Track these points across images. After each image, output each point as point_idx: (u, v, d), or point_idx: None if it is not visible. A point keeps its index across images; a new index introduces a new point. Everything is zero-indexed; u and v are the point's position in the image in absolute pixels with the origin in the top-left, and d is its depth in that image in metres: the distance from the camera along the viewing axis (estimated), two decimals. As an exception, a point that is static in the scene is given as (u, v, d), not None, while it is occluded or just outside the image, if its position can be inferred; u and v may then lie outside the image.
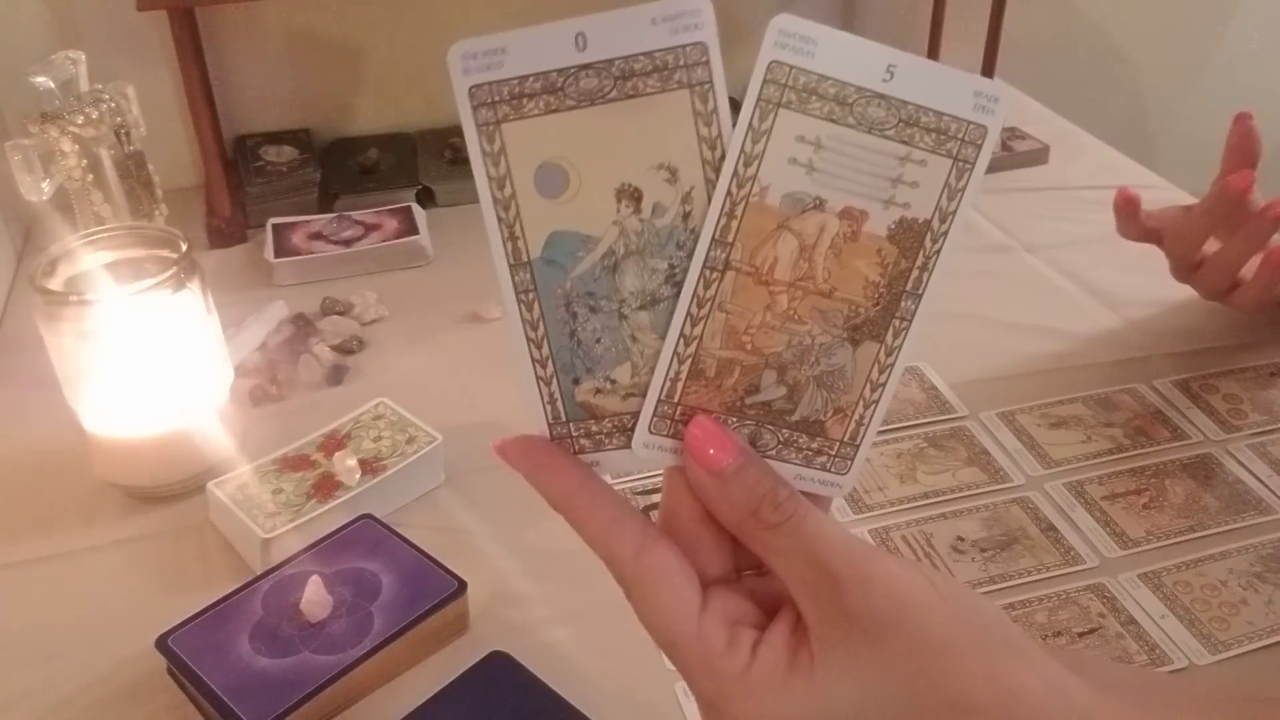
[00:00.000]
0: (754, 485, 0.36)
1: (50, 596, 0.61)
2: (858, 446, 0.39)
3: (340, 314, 0.85)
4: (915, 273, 0.37)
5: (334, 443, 0.67)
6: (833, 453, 0.38)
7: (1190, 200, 0.78)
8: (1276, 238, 0.72)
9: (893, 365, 0.38)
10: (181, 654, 0.54)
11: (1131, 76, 1.43)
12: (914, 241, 0.36)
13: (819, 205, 0.35)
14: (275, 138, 1.05)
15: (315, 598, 0.56)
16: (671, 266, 0.35)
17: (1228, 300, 0.76)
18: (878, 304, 0.37)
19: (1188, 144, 1.42)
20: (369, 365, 0.80)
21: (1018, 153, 1.09)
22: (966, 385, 0.76)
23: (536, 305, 0.36)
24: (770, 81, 0.34)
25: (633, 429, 0.37)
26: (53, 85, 0.80)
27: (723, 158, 0.35)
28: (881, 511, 0.66)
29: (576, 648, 0.57)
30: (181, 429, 0.66)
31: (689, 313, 0.36)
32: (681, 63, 0.34)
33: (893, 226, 0.36)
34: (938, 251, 0.37)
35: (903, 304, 0.37)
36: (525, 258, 0.35)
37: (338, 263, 0.90)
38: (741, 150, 0.34)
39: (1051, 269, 0.92)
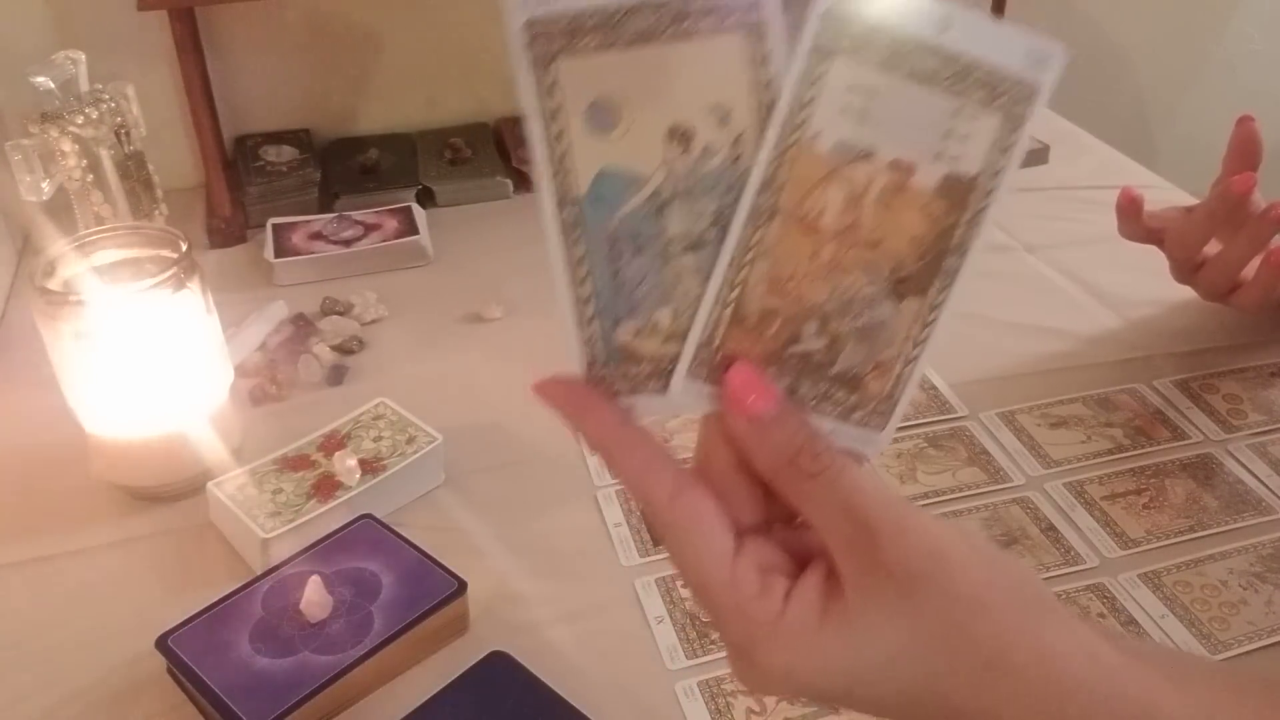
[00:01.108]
0: (793, 433, 0.36)
1: (50, 596, 0.61)
2: (895, 403, 0.38)
3: (340, 314, 0.85)
4: (961, 229, 0.37)
5: (334, 443, 0.67)
6: (869, 408, 0.38)
7: (1190, 201, 0.78)
8: (1277, 239, 0.72)
9: (934, 322, 0.37)
10: (181, 654, 0.54)
11: (1131, 76, 1.43)
12: (961, 196, 0.36)
13: (868, 155, 0.35)
14: (275, 138, 1.05)
15: (315, 598, 0.56)
16: (719, 210, 0.35)
17: (1229, 301, 0.76)
18: (923, 258, 0.36)
19: (1188, 144, 1.42)
20: (369, 365, 0.80)
21: (1018, 153, 1.09)
22: (966, 385, 0.76)
23: (582, 243, 0.35)
24: (826, 29, 0.34)
25: (670, 373, 0.37)
26: (53, 85, 0.80)
27: (775, 102, 0.34)
28: (881, 511, 0.66)
29: (576, 648, 0.57)
30: (181, 429, 0.66)
31: (734, 258, 0.35)
32: (738, 4, 0.34)
33: (941, 180, 0.36)
34: (984, 209, 0.37)
35: (947, 260, 0.37)
36: (573, 195, 0.35)
37: (338, 263, 0.90)
38: (794, 96, 0.34)
39: (1051, 269, 0.92)
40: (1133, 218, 0.77)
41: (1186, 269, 0.77)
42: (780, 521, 0.39)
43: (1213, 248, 0.75)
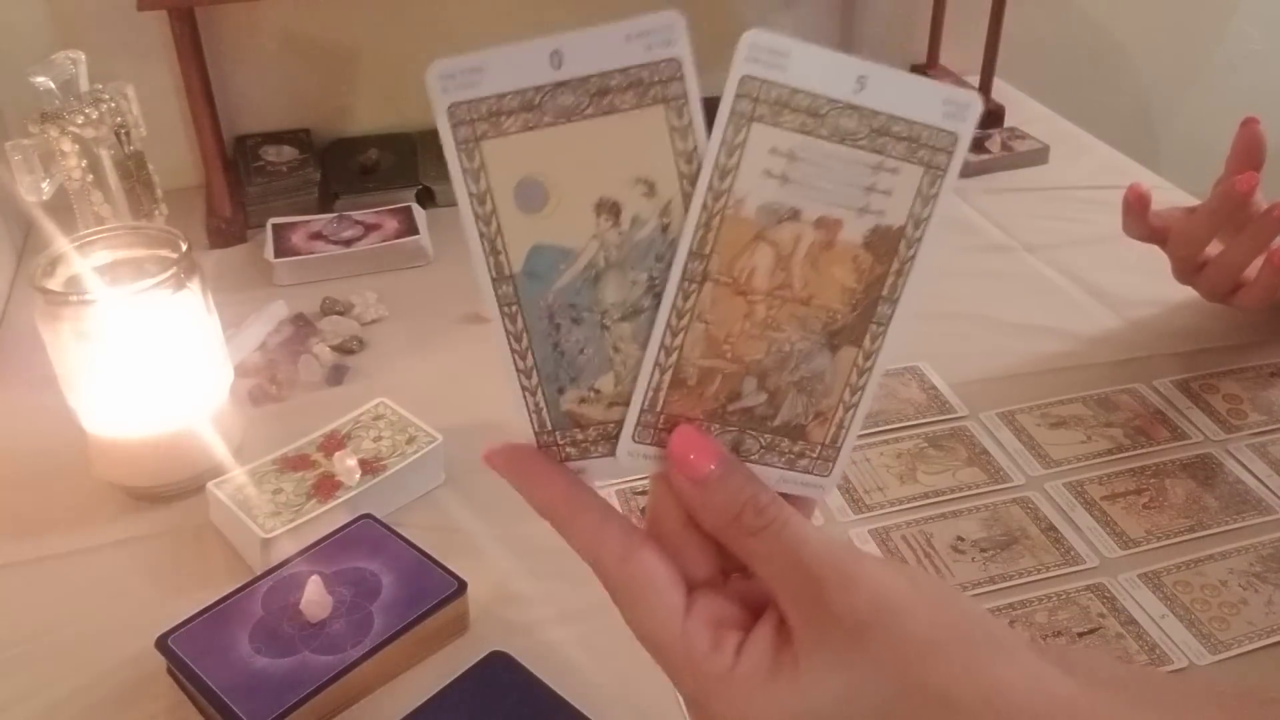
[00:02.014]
0: (735, 491, 0.37)
1: (50, 596, 0.61)
2: (839, 448, 0.39)
3: (340, 314, 0.85)
4: (891, 279, 0.37)
5: (334, 443, 0.67)
6: (815, 455, 0.39)
7: (1192, 201, 0.78)
8: (1279, 240, 0.72)
9: (871, 368, 0.39)
10: (181, 654, 0.54)
11: (1131, 76, 1.43)
12: (889, 248, 0.37)
13: (794, 216, 0.36)
14: (275, 138, 1.05)
15: (315, 598, 0.56)
16: (652, 278, 0.36)
17: (1230, 302, 0.76)
18: (855, 309, 0.38)
19: (1189, 144, 1.42)
20: (369, 365, 0.80)
21: (1018, 153, 1.09)
22: (966, 385, 0.76)
23: (520, 317, 0.36)
24: (743, 95, 0.35)
25: (617, 437, 0.38)
26: (53, 85, 0.80)
27: (699, 171, 0.35)
28: (881, 511, 0.66)
29: (576, 648, 0.57)
30: (181, 429, 0.66)
31: (669, 324, 0.36)
32: (656, 78, 0.35)
33: (868, 234, 0.37)
34: (913, 257, 0.38)
35: (879, 309, 0.38)
36: (508, 271, 0.36)
37: (338, 263, 0.90)
38: (716, 164, 0.35)
39: (1051, 269, 0.92)
40: (1139, 214, 0.77)
41: (1188, 269, 0.77)
42: (735, 572, 0.40)
43: (1214, 248, 0.75)
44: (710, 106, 0.35)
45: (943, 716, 0.34)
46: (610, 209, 0.35)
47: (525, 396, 0.37)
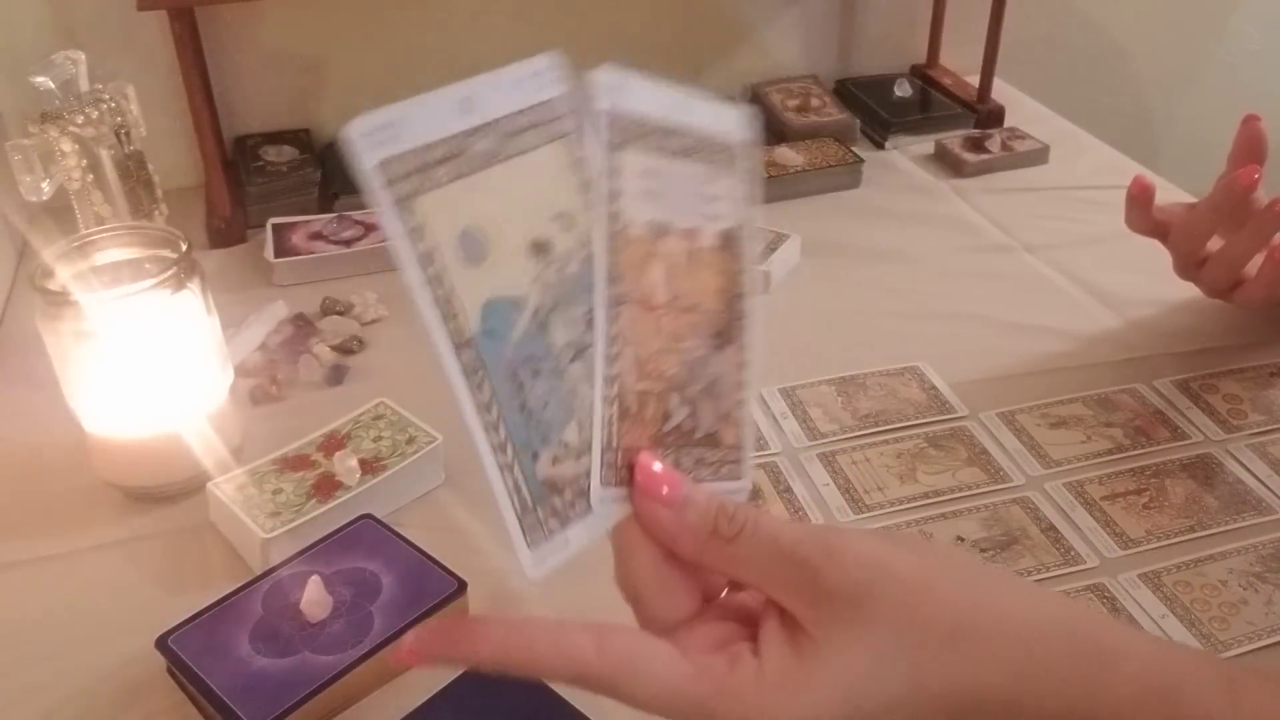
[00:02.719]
0: (705, 506, 0.38)
1: (50, 596, 0.61)
2: (743, 449, 0.41)
3: (340, 314, 0.85)
4: (742, 274, 0.41)
5: (334, 443, 0.67)
6: (731, 460, 0.41)
7: (1192, 199, 0.78)
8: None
9: (747, 364, 0.41)
10: (181, 654, 0.54)
11: (1131, 76, 1.43)
12: (734, 247, 0.41)
13: (669, 229, 0.38)
14: (275, 138, 1.05)
15: (315, 598, 0.56)
16: (589, 310, 0.36)
17: (1231, 298, 0.76)
18: (727, 308, 0.40)
19: (1188, 144, 1.42)
20: (369, 365, 0.80)
21: (1018, 153, 1.09)
22: (966, 385, 0.76)
23: (487, 384, 0.35)
24: (610, 126, 0.36)
25: (588, 490, 0.37)
26: (53, 85, 0.80)
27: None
28: (881, 511, 0.66)
29: (576, 648, 0.57)
30: (182, 429, 0.66)
31: (605, 353, 0.37)
32: (549, 117, 0.36)
33: (718, 237, 0.40)
34: (749, 252, 0.41)
35: (742, 304, 0.41)
36: (466, 335, 0.34)
37: (338, 263, 0.90)
38: (605, 190, 0.36)
39: (1051, 269, 0.92)
40: (1143, 206, 0.77)
41: (1190, 264, 0.77)
42: (715, 596, 0.41)
43: (1215, 244, 0.75)
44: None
45: (955, 644, 0.36)
46: (543, 249, 0.36)
47: (504, 475, 0.36)
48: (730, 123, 0.40)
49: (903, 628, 0.36)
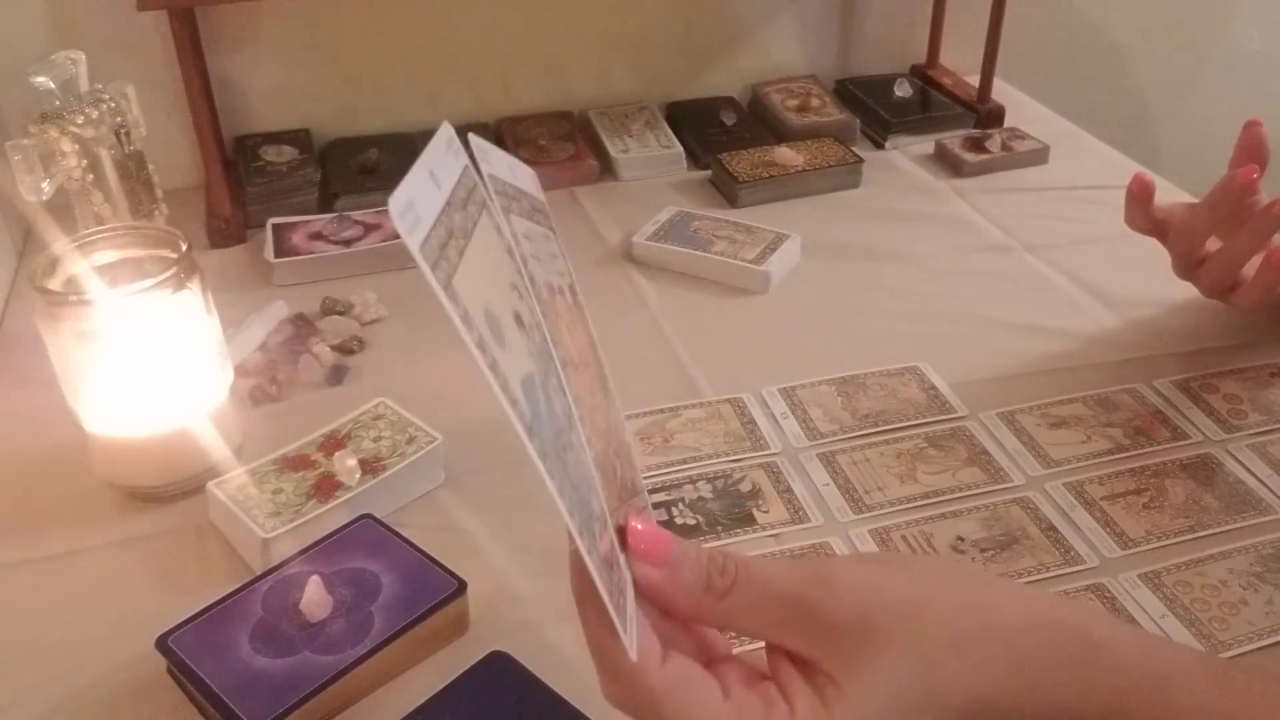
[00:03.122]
0: (695, 562, 0.38)
1: (50, 596, 0.61)
2: (642, 490, 0.41)
3: (340, 314, 0.85)
4: (588, 322, 0.41)
5: (334, 443, 0.67)
6: (644, 505, 0.40)
7: (1192, 199, 0.78)
8: (1278, 237, 0.72)
9: (617, 408, 0.41)
10: (181, 654, 0.54)
11: (1131, 76, 1.43)
12: (578, 300, 0.41)
13: (554, 289, 0.38)
14: (275, 138, 1.05)
15: (315, 598, 0.56)
16: (560, 380, 0.36)
17: (1229, 299, 0.76)
18: (598, 360, 0.41)
19: (1188, 144, 1.42)
20: (369, 365, 0.80)
21: (1018, 153, 1.09)
22: (966, 385, 0.76)
23: (555, 471, 0.32)
24: (495, 191, 0.36)
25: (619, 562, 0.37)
26: (53, 85, 0.80)
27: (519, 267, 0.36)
28: (881, 511, 0.66)
29: (576, 648, 0.57)
30: (181, 429, 0.66)
31: (581, 418, 0.36)
32: (470, 185, 0.35)
33: (569, 291, 0.40)
34: (580, 305, 0.41)
35: (596, 351, 0.41)
36: (528, 420, 0.31)
37: (338, 263, 0.90)
38: (518, 256, 0.36)
39: (1051, 269, 0.92)
40: (1144, 204, 0.77)
41: (1188, 264, 0.77)
42: (714, 663, 0.40)
43: (1214, 244, 0.75)
44: (704, 107, 0.36)
45: (955, 651, 0.37)
46: (520, 321, 0.34)
47: (590, 561, 0.33)
48: (530, 181, 0.40)
49: (908, 648, 0.37)
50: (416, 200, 0.30)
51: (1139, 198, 0.77)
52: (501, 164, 0.37)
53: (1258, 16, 1.45)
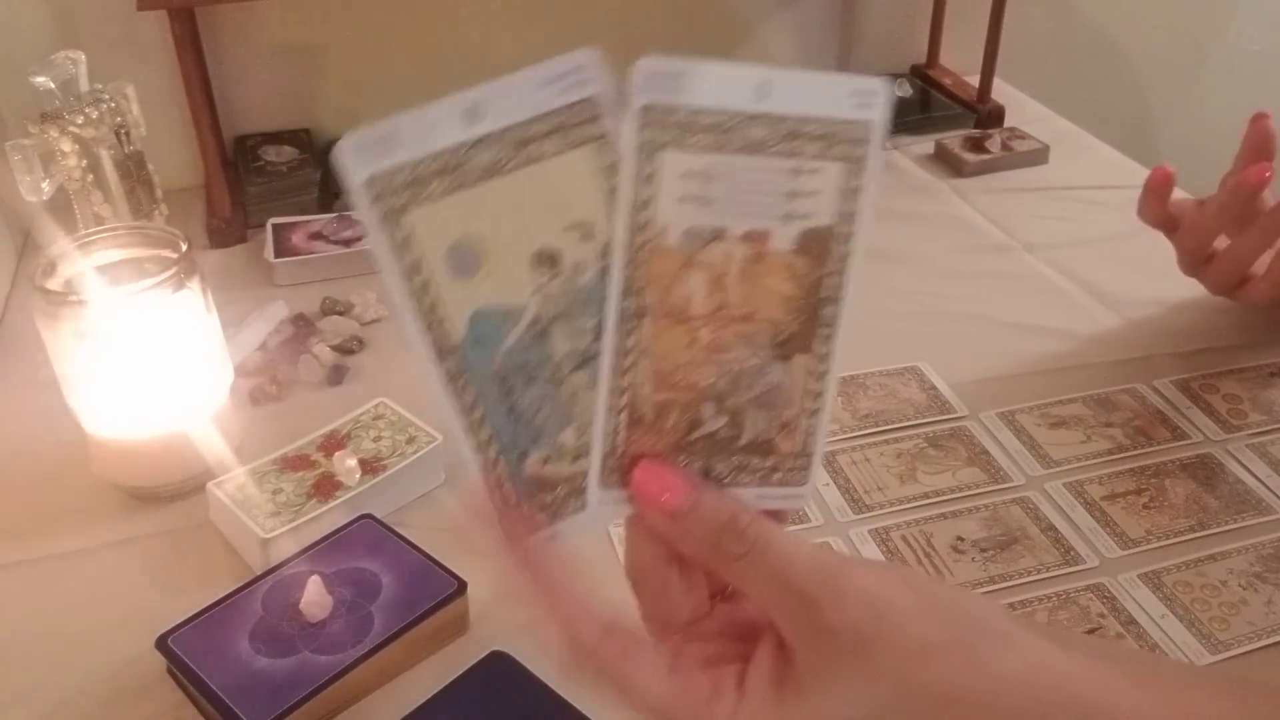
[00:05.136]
0: (710, 519, 0.36)
1: (50, 596, 0.61)
2: (811, 456, 0.39)
3: (340, 314, 0.85)
4: (830, 279, 0.37)
5: (334, 443, 0.67)
6: (787, 468, 0.39)
7: (1189, 197, 0.78)
8: None
9: (826, 372, 0.38)
10: (181, 654, 0.54)
11: (1131, 76, 1.43)
12: (821, 249, 0.36)
13: (720, 235, 0.35)
14: (275, 138, 1.05)
15: (315, 598, 0.56)
16: (600, 323, 0.36)
17: (1236, 296, 0.76)
18: (799, 316, 0.37)
19: (1188, 144, 1.42)
20: (369, 365, 0.80)
21: (1018, 153, 1.09)
22: (966, 385, 0.76)
23: (470, 388, 0.35)
24: (647, 125, 0.34)
25: (585, 489, 0.37)
26: (53, 85, 0.80)
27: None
28: (881, 511, 0.66)
29: (576, 648, 0.57)
30: (181, 429, 0.66)
31: (615, 365, 0.36)
32: (577, 120, 0.34)
33: (797, 239, 0.36)
34: (848, 254, 0.37)
35: (823, 311, 0.37)
36: (451, 342, 0.34)
37: (338, 263, 0.90)
38: (633, 199, 0.34)
39: (1051, 269, 0.92)
40: (1162, 196, 0.76)
41: (1196, 261, 0.77)
42: (721, 593, 0.40)
43: (1221, 242, 0.75)
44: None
45: (949, 713, 0.35)
46: (549, 260, 0.35)
47: (486, 472, 0.36)
48: (842, 104, 0.35)
49: (896, 688, 0.35)
50: (406, 134, 0.32)
51: (1159, 190, 0.76)
52: (713, 88, 0.34)
53: (1258, 16, 1.44)
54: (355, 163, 0.32)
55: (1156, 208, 0.77)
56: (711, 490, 0.37)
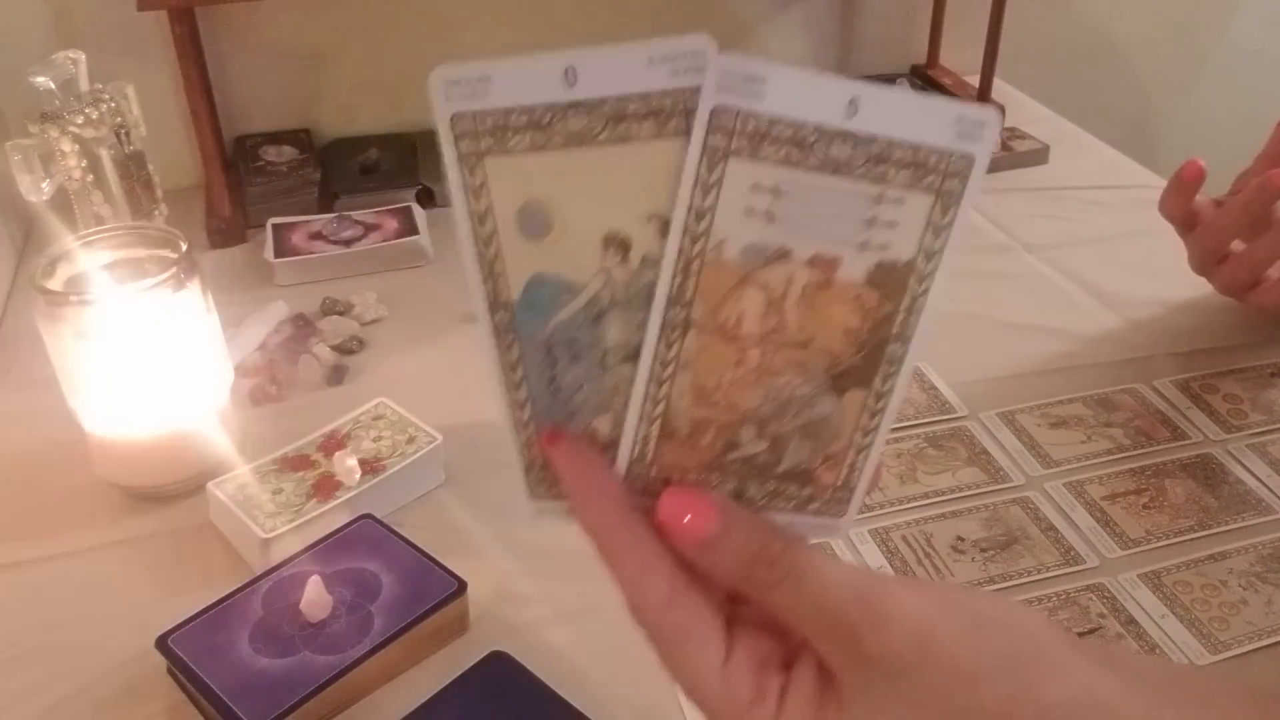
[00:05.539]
0: (740, 548, 0.35)
1: (50, 596, 0.61)
2: (853, 490, 0.37)
3: (340, 314, 0.85)
4: (901, 315, 0.34)
5: (334, 443, 0.67)
6: (825, 499, 0.37)
7: (1204, 197, 0.78)
8: None
9: (884, 409, 0.36)
10: (181, 654, 0.54)
11: (1131, 76, 1.43)
12: (897, 284, 0.34)
13: (784, 255, 0.33)
14: (275, 138, 1.05)
15: (315, 598, 0.56)
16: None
17: (1245, 298, 0.76)
18: (860, 351, 0.35)
19: (1188, 144, 1.42)
20: (369, 365, 0.80)
21: (1018, 153, 1.09)
22: (966, 385, 0.76)
23: (515, 347, 0.34)
24: (716, 129, 0.31)
25: None
26: (53, 85, 0.79)
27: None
28: (881, 511, 0.66)
29: (576, 648, 0.57)
30: (181, 429, 0.66)
31: (652, 374, 0.34)
32: (680, 108, 0.31)
33: (871, 270, 0.33)
34: (925, 292, 0.34)
35: (889, 349, 0.35)
36: (504, 298, 0.34)
37: (338, 263, 0.90)
38: (691, 205, 0.32)
39: (1051, 269, 0.92)
40: (1190, 192, 0.75)
41: (1210, 261, 0.76)
42: None
43: (1236, 244, 0.75)
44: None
45: None
46: (620, 245, 0.33)
47: (516, 430, 0.35)
48: (943, 132, 0.32)
49: (939, 715, 0.34)
50: (500, 81, 0.31)
51: (1189, 185, 0.75)
52: (802, 97, 0.31)
53: (1258, 16, 1.44)
54: (445, 96, 0.31)
55: (1181, 202, 0.76)
56: (743, 516, 0.36)
